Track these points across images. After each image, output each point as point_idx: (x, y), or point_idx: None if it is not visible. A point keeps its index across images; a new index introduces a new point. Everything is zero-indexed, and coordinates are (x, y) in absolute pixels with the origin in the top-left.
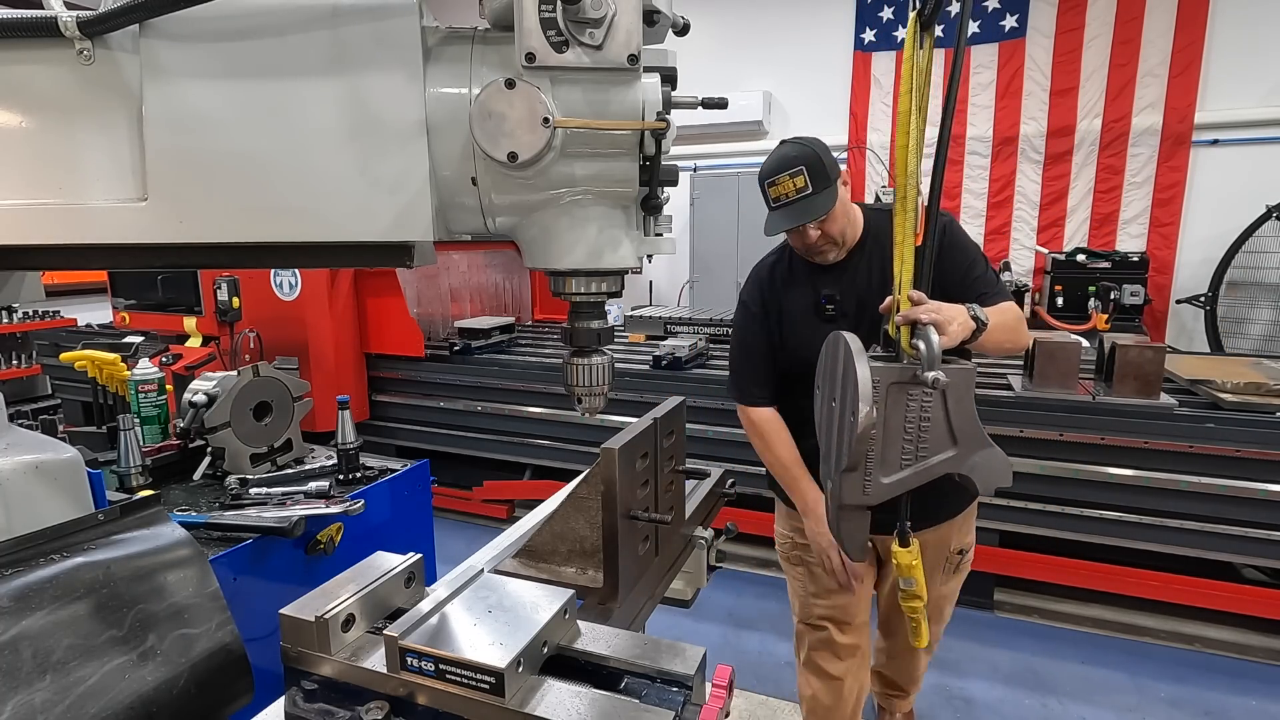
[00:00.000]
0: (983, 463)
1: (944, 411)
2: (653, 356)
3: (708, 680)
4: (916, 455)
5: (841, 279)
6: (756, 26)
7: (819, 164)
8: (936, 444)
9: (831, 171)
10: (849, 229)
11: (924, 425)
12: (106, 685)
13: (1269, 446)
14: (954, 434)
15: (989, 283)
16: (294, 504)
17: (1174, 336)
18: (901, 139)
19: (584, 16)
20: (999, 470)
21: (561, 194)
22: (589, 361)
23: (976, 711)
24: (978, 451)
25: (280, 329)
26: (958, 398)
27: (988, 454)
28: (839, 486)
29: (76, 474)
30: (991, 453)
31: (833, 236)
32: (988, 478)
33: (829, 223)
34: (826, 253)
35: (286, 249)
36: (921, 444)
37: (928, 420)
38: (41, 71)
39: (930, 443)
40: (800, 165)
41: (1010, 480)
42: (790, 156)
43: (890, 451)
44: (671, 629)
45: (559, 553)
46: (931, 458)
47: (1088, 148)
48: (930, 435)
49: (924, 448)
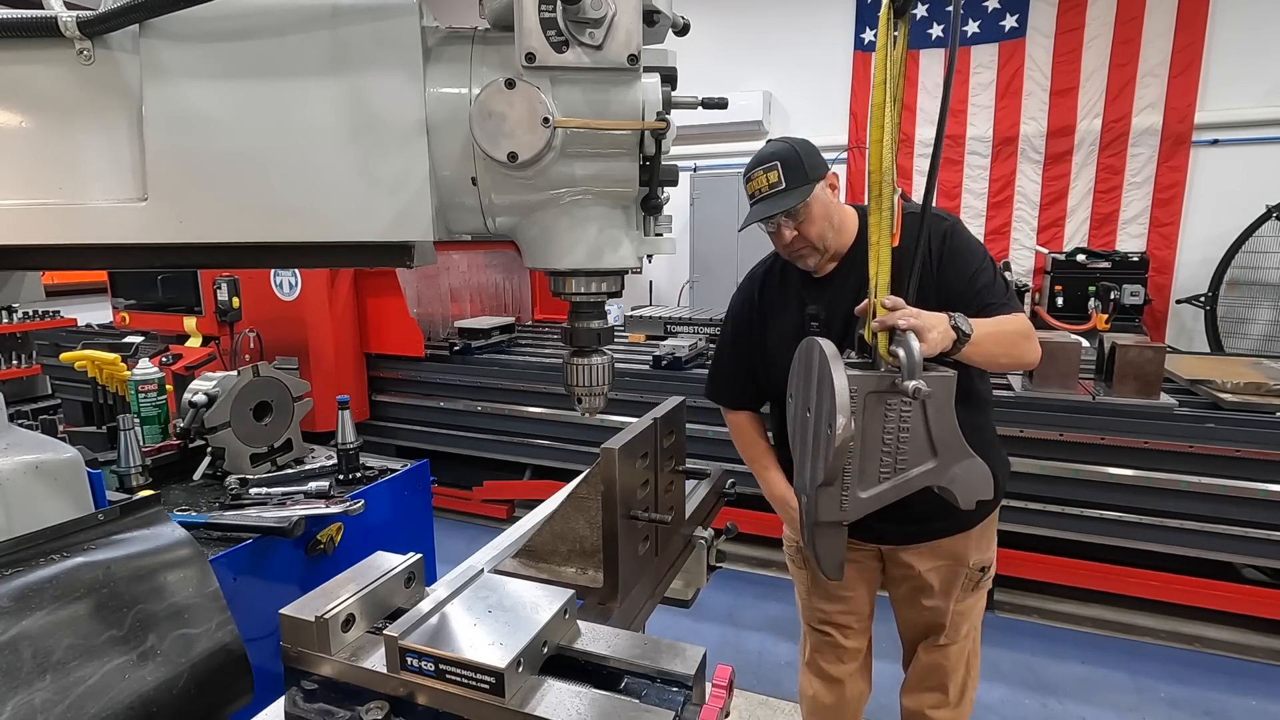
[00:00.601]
0: (962, 475)
1: (924, 422)
2: (653, 356)
3: (708, 680)
4: (895, 468)
5: (827, 292)
6: (756, 26)
7: (795, 160)
8: (916, 456)
9: (811, 170)
10: (831, 234)
11: (903, 437)
12: (106, 685)
13: (1269, 446)
14: (934, 445)
15: (996, 291)
16: (294, 504)
17: (1174, 336)
18: (875, 133)
19: (584, 16)
20: (979, 482)
21: (561, 194)
22: (589, 361)
23: (976, 711)
24: (958, 463)
25: (280, 329)
26: (938, 407)
27: (968, 465)
28: (814, 502)
29: (76, 474)
30: (971, 464)
31: (810, 239)
32: (967, 490)
33: (807, 224)
34: (806, 257)
35: (286, 249)
36: (900, 456)
37: (907, 431)
38: (41, 71)
39: (909, 455)
40: (775, 161)
41: (991, 493)
42: (767, 153)
43: (868, 464)
44: (671, 629)
45: (559, 553)
46: (911, 470)
47: (1088, 148)
48: (910, 447)
49: (903, 460)
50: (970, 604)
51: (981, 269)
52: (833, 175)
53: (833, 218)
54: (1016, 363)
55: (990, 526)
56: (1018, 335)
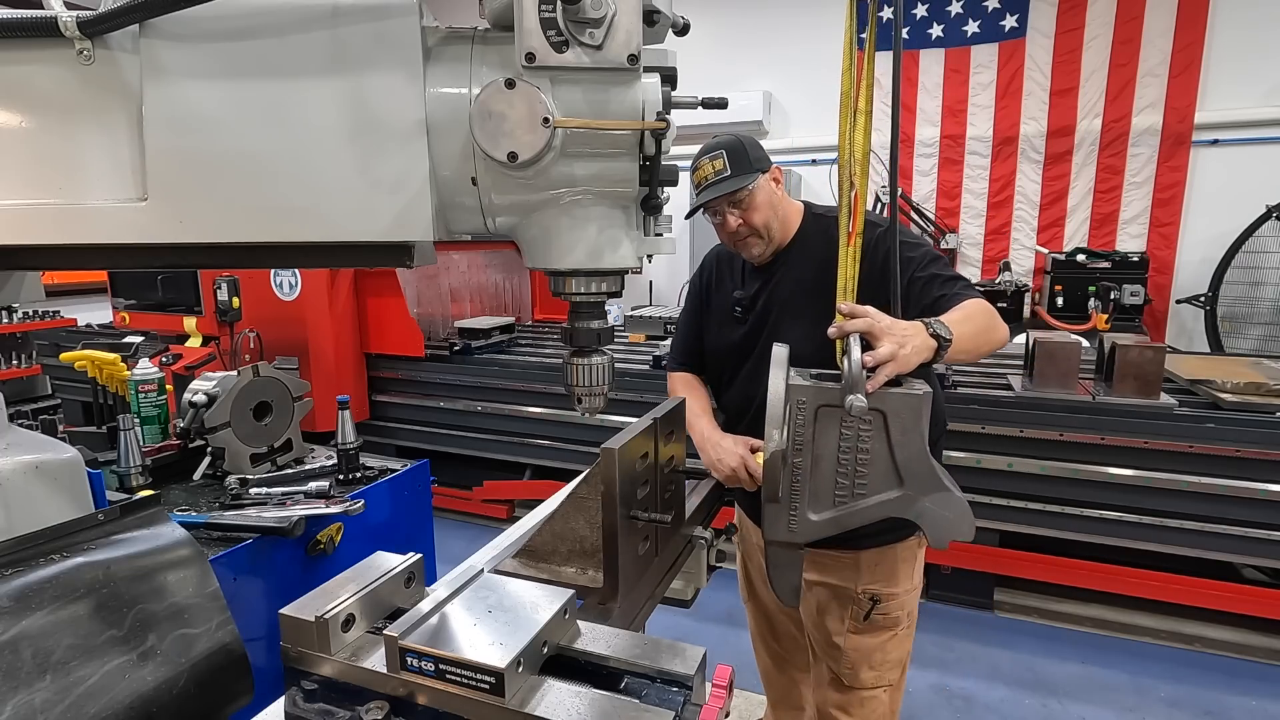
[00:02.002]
0: (935, 509)
1: (887, 444)
2: (653, 356)
3: (708, 680)
4: (853, 492)
5: (759, 281)
6: (756, 26)
7: (740, 150)
8: (878, 482)
9: (755, 161)
10: (776, 224)
11: (862, 459)
12: (106, 685)
13: (1269, 446)
14: (899, 472)
15: (946, 281)
16: (294, 504)
17: (1174, 336)
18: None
19: (584, 16)
20: (956, 521)
21: (561, 194)
22: (589, 361)
23: (976, 711)
24: (930, 495)
25: (280, 329)
26: (903, 429)
27: (942, 499)
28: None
29: (76, 474)
30: (947, 498)
31: (755, 227)
32: (940, 528)
33: (750, 212)
34: (751, 246)
35: (286, 249)
36: (860, 480)
37: (866, 453)
38: (41, 71)
39: (870, 480)
40: (720, 150)
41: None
42: (713, 144)
43: (821, 485)
44: (671, 629)
45: (559, 553)
46: (870, 497)
47: (1088, 148)
48: (871, 471)
49: (862, 484)
50: (868, 644)
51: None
52: (777, 169)
53: (777, 208)
54: (994, 346)
55: (892, 559)
56: (987, 319)
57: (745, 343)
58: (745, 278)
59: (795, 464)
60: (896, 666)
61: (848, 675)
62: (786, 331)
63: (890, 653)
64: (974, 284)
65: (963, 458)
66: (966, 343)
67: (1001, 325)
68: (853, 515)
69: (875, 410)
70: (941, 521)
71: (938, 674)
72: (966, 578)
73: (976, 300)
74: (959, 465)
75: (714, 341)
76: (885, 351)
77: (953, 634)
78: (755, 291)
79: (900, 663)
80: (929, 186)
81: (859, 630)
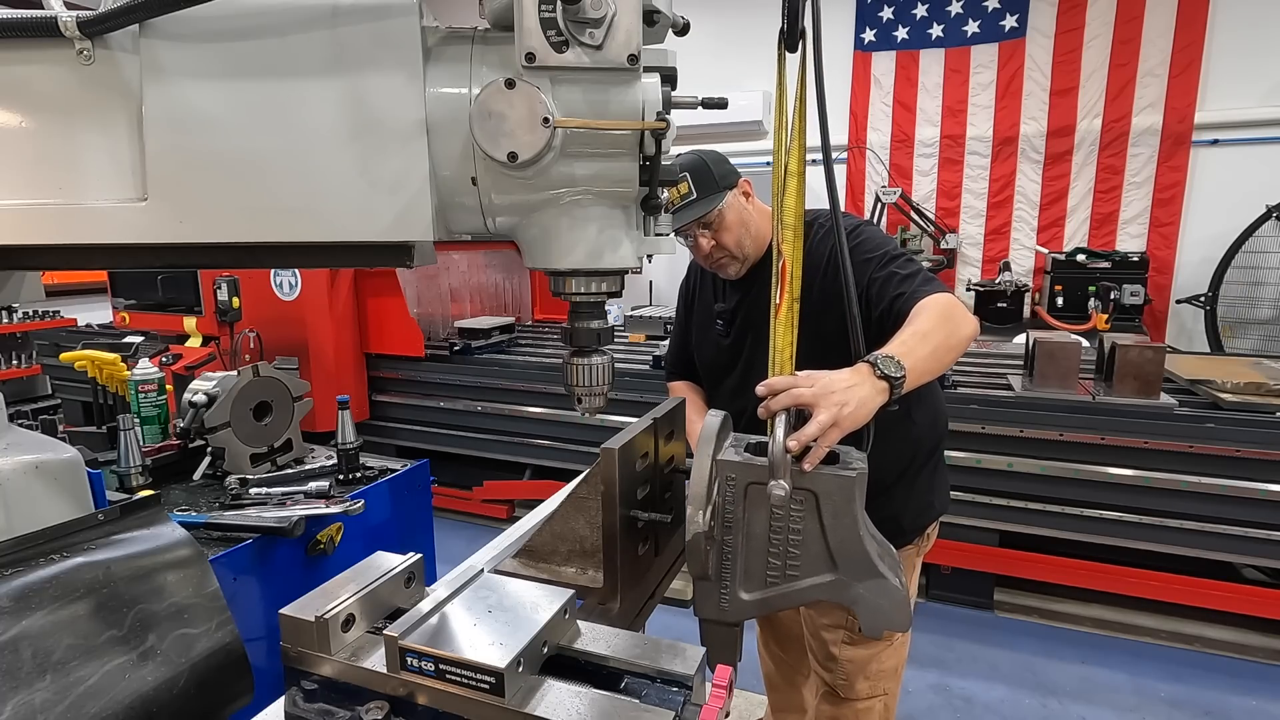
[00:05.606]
0: (869, 597)
1: (819, 526)
2: (653, 356)
3: (708, 680)
4: (785, 574)
5: (738, 293)
6: (756, 26)
7: (704, 170)
8: (810, 564)
9: (721, 179)
10: (749, 241)
11: (794, 539)
12: (106, 685)
13: (1269, 446)
14: (832, 556)
15: (904, 280)
16: (294, 504)
17: (1174, 336)
18: (774, 186)
19: (584, 16)
20: (890, 610)
21: (561, 194)
22: (589, 361)
23: (976, 711)
24: (864, 581)
25: (280, 329)
26: (834, 512)
27: (877, 586)
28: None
29: (76, 474)
30: (883, 585)
31: (728, 248)
32: (874, 616)
33: (721, 232)
34: (726, 266)
35: (286, 249)
36: (791, 562)
37: (798, 534)
38: (41, 71)
39: (802, 562)
40: (684, 173)
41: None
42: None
43: (753, 563)
44: (671, 629)
45: (559, 553)
46: (802, 580)
47: (1088, 148)
48: (803, 553)
49: (794, 566)
50: (862, 655)
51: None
52: (745, 182)
53: (749, 224)
54: (961, 353)
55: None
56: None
57: (728, 358)
58: (725, 290)
59: (726, 541)
60: (892, 676)
61: (843, 687)
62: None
63: (885, 662)
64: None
65: (963, 458)
66: (926, 364)
67: (967, 321)
68: (785, 597)
69: (806, 490)
70: (876, 610)
71: (937, 674)
72: (966, 578)
73: (934, 299)
74: (959, 465)
75: (699, 354)
76: (813, 429)
77: (953, 634)
78: (734, 305)
79: (895, 671)
80: (929, 186)
81: (854, 641)
